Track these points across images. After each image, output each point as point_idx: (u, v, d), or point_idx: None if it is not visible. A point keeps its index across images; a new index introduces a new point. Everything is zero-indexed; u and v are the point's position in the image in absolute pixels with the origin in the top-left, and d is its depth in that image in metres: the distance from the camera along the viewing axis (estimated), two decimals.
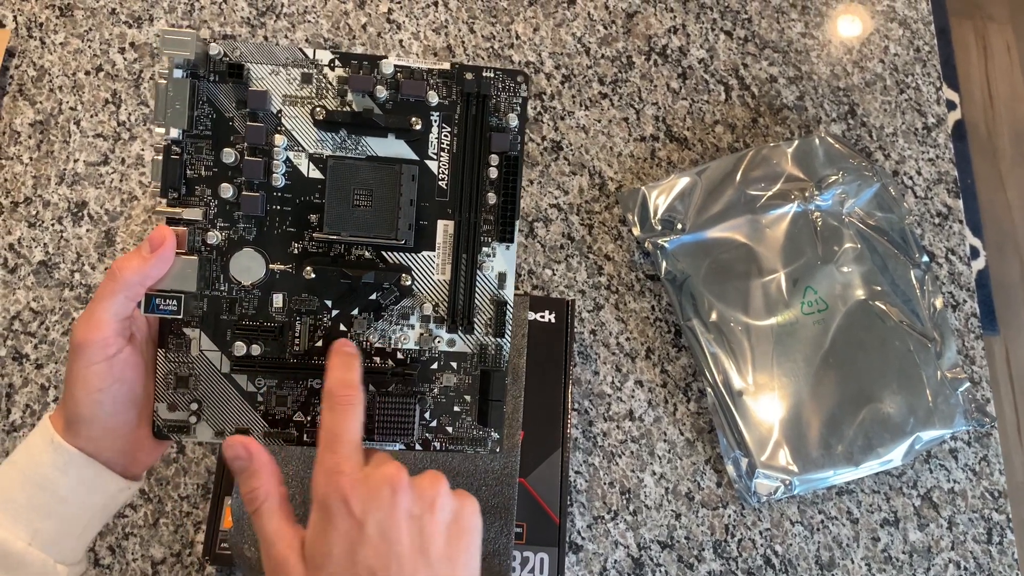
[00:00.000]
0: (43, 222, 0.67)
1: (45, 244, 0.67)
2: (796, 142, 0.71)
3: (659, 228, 0.69)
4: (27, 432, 0.62)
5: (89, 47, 0.73)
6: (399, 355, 0.43)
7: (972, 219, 1.61)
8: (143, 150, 0.70)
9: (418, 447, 0.44)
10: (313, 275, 0.42)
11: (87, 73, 0.72)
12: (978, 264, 1.57)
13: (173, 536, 0.60)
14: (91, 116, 0.71)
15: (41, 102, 0.71)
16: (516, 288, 0.68)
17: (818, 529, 0.64)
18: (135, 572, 0.59)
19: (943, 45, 1.70)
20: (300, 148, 0.42)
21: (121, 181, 0.69)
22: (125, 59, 0.72)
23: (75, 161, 0.69)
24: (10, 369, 0.63)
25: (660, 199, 0.70)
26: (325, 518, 0.37)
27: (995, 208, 1.64)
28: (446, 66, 0.42)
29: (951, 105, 1.68)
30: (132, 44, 0.73)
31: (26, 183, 0.68)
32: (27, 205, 0.68)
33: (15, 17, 0.73)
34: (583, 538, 0.62)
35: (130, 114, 0.71)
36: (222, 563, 0.58)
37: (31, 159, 0.69)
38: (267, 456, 0.41)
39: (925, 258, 0.70)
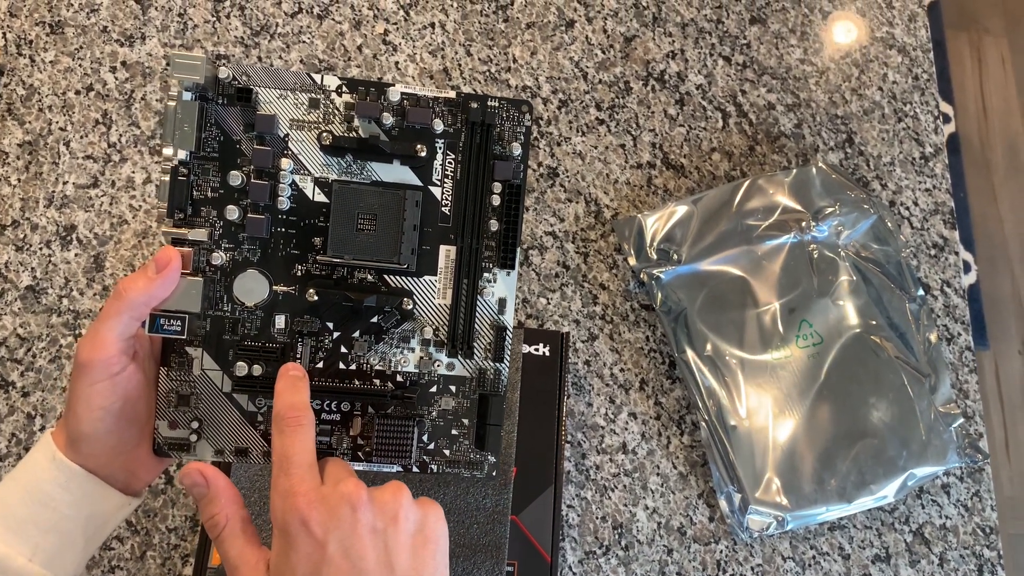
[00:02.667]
0: (31, 246, 0.66)
1: (33, 268, 0.66)
2: (793, 172, 0.71)
3: (655, 258, 0.69)
4: (13, 462, 0.61)
5: (80, 66, 0.71)
6: (399, 378, 0.44)
7: (964, 233, 1.61)
8: (134, 172, 0.69)
9: (415, 469, 0.44)
10: (316, 297, 0.43)
11: (77, 92, 0.71)
12: (969, 278, 1.58)
13: (160, 569, 0.60)
14: (81, 137, 0.69)
15: (30, 122, 0.69)
16: None
17: (810, 565, 0.64)
18: None
19: (938, 57, 1.70)
20: (306, 172, 0.43)
21: (111, 204, 0.68)
22: (116, 79, 0.71)
23: (64, 183, 0.68)
24: None
25: (656, 227, 0.69)
26: (287, 542, 0.37)
27: (987, 222, 1.65)
28: (452, 94, 0.43)
29: (945, 118, 1.68)
30: (124, 63, 0.72)
31: (14, 205, 0.67)
32: (14, 228, 0.67)
33: (4, 34, 0.72)
34: (574, 574, 0.62)
35: (121, 135, 0.70)
36: None
37: (19, 180, 0.68)
38: (224, 481, 0.41)
39: (920, 291, 0.70)
